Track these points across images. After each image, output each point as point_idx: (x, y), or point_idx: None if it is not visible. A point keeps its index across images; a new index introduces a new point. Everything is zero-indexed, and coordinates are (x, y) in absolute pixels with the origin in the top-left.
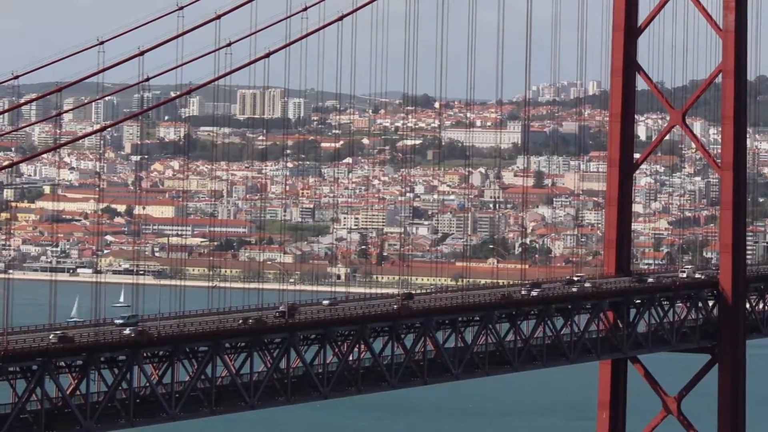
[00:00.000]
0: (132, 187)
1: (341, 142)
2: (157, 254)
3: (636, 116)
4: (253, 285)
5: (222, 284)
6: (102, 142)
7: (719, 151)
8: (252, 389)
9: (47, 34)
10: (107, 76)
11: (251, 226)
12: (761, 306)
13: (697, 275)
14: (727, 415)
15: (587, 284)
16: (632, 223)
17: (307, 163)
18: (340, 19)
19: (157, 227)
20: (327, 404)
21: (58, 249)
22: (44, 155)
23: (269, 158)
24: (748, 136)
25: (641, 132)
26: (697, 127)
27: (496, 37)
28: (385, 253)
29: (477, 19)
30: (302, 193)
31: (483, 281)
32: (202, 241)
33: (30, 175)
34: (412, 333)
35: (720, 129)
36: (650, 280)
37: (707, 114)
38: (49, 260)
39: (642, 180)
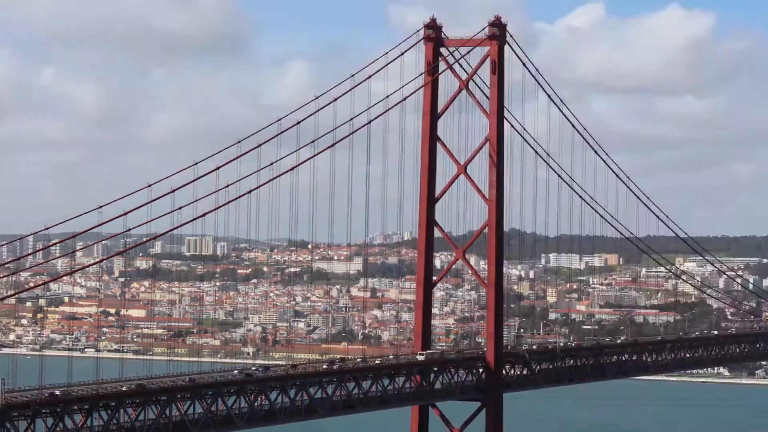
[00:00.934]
0: (119, 298)
1: (250, 270)
2: (135, 339)
3: (434, 252)
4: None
5: (176, 358)
6: (100, 269)
7: (486, 274)
8: None
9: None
10: (104, 228)
11: (194, 322)
12: (512, 372)
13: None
14: None
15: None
16: (431, 320)
17: (229, 282)
18: (249, 192)
19: (135, 323)
20: None
21: (73, 336)
22: (64, 278)
23: (205, 279)
24: (504, 265)
25: (437, 262)
26: (472, 259)
27: (347, 204)
28: (277, 339)
29: (335, 192)
30: (225, 301)
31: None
32: (163, 331)
33: (55, 290)
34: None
35: (486, 261)
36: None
37: (479, 251)
38: (67, 343)
39: (438, 293)
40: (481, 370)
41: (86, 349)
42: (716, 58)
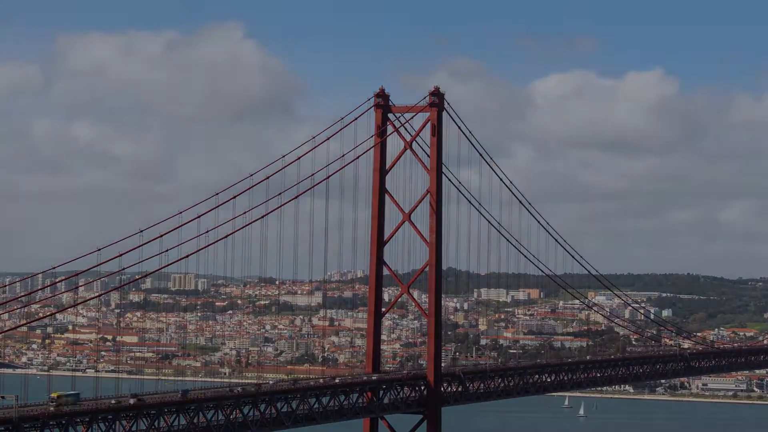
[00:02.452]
0: (115, 326)
1: (226, 302)
2: (129, 361)
3: (383, 287)
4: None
5: (164, 378)
6: (99, 301)
7: (427, 306)
8: None
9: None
10: (102, 267)
11: (179, 346)
12: (449, 389)
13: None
14: None
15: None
16: (381, 345)
17: (208, 313)
18: (225, 237)
19: (129, 348)
20: None
21: (76, 358)
22: (69, 309)
23: (188, 310)
24: (442, 298)
25: (385, 296)
26: (415, 293)
27: (309, 246)
28: (249, 361)
29: (299, 235)
30: (205, 329)
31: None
32: (153, 354)
33: (61, 319)
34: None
35: (427, 294)
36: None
37: (421, 286)
38: (71, 365)
39: (386, 322)
40: (422, 388)
41: (87, 370)
42: (682, 116)
